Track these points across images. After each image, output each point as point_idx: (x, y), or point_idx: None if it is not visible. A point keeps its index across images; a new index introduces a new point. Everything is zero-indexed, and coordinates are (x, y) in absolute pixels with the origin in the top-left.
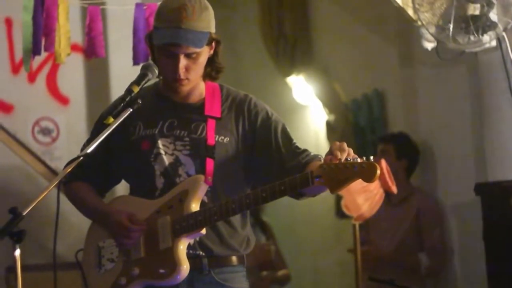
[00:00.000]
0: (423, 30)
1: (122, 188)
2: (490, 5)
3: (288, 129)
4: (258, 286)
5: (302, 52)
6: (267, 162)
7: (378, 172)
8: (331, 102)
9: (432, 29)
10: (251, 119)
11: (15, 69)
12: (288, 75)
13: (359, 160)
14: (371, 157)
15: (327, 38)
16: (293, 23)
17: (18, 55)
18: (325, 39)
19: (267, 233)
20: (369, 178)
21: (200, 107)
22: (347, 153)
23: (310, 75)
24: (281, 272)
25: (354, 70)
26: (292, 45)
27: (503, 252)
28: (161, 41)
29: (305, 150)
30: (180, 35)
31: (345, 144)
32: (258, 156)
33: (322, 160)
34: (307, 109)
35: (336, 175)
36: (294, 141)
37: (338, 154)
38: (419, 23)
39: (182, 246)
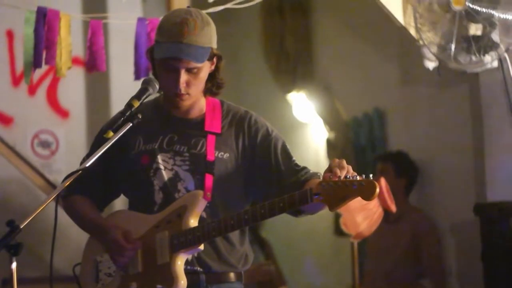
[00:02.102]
0: (425, 50)
1: (121, 202)
2: (492, 25)
3: (288, 146)
4: None
5: (303, 69)
6: (266, 179)
7: (377, 190)
8: (331, 119)
9: (434, 49)
10: (251, 135)
11: (16, 82)
12: (289, 92)
13: (358, 178)
14: (370, 175)
15: (329, 56)
16: (295, 40)
17: (19, 67)
18: (326, 56)
19: (265, 250)
20: (368, 196)
21: (200, 122)
22: (347, 171)
23: (311, 92)
24: None
25: (355, 88)
26: (293, 62)
27: (502, 274)
28: (162, 55)
29: (304, 168)
30: (181, 50)
31: (344, 161)
32: (258, 172)
33: (321, 178)
34: (308, 127)
35: (335, 193)
36: (294, 158)
37: (338, 171)
38: (421, 42)
39: (180, 262)
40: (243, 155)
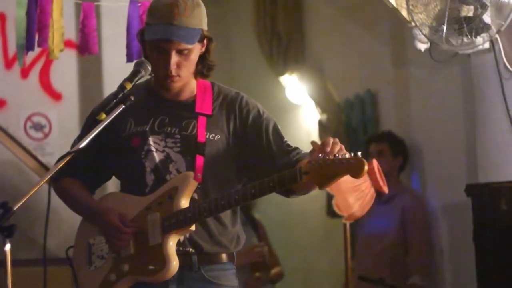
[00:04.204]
0: (417, 31)
1: (112, 184)
2: (483, 7)
3: (280, 128)
4: (251, 285)
5: (295, 52)
6: (257, 159)
7: (366, 167)
8: (323, 101)
9: (426, 30)
10: (242, 116)
11: (8, 65)
12: (281, 74)
13: (347, 156)
14: (359, 153)
15: (321, 38)
16: (287, 22)
17: (12, 50)
18: (318, 38)
19: (259, 232)
20: (357, 174)
21: (191, 104)
22: (340, 149)
23: (303, 74)
24: (274, 271)
25: (347, 70)
26: (285, 44)
27: (493, 254)
28: (152, 37)
29: (296, 148)
30: (172, 31)
31: (334, 140)
32: (249, 153)
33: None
34: (300, 109)
35: (324, 171)
36: (285, 139)
37: (327, 148)
38: (413, 24)
39: (172, 243)
40: (234, 136)
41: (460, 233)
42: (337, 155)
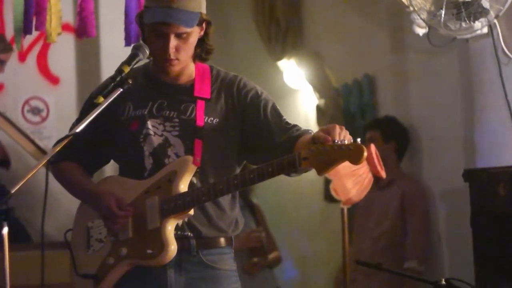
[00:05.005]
0: (415, 16)
1: (111, 168)
2: None
3: (279, 108)
4: (249, 270)
5: (293, 36)
6: (257, 138)
7: (365, 154)
8: (321, 86)
9: (424, 15)
10: (241, 98)
11: None
12: (279, 59)
13: (346, 142)
14: (358, 139)
15: (319, 23)
16: (285, 7)
17: (9, 33)
18: (316, 23)
19: (256, 216)
20: (356, 160)
21: (189, 88)
22: (344, 134)
23: (301, 59)
24: (272, 255)
25: (345, 55)
26: (284, 29)
27: (490, 239)
28: (151, 20)
29: (295, 125)
30: (171, 14)
31: (343, 127)
32: (249, 133)
33: (315, 136)
34: (298, 93)
35: (323, 157)
36: (284, 117)
37: (334, 136)
38: (411, 8)
39: (170, 227)
40: (233, 119)
41: (458, 218)
42: (336, 141)
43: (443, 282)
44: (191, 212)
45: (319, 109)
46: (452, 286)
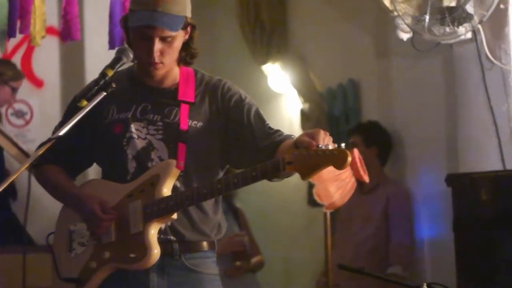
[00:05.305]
0: (399, 21)
1: (94, 171)
2: None
3: (262, 113)
4: (232, 274)
5: (278, 40)
6: (240, 142)
7: (349, 159)
8: (306, 90)
9: (408, 20)
10: (225, 102)
11: None
12: (264, 63)
13: (330, 147)
14: (342, 144)
15: (304, 27)
16: (270, 11)
17: None
18: (301, 27)
19: (239, 220)
20: (340, 165)
21: (173, 91)
22: (328, 142)
23: (286, 63)
24: (254, 259)
25: (329, 60)
26: (268, 33)
27: (472, 243)
28: (136, 24)
29: (277, 130)
30: (156, 18)
31: (327, 133)
32: (231, 137)
33: (299, 140)
34: (282, 97)
35: (307, 162)
36: (267, 122)
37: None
38: (395, 13)
39: (153, 231)
40: (217, 123)
41: (440, 223)
42: (320, 145)
43: (425, 286)
44: (174, 216)
45: (303, 113)
46: None
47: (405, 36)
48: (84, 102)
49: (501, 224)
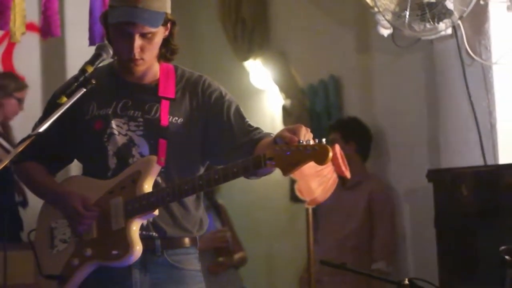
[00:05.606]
0: (380, 17)
1: (75, 167)
2: None
3: (244, 113)
4: (214, 270)
5: (259, 37)
6: (219, 139)
7: (331, 154)
8: (287, 87)
9: (389, 16)
10: (205, 98)
11: None
12: (246, 59)
13: (311, 142)
14: (323, 140)
15: (285, 23)
16: (251, 7)
17: None
18: (283, 24)
19: (222, 217)
20: (321, 161)
21: (154, 88)
22: (306, 137)
23: (267, 59)
24: (237, 256)
25: (311, 56)
26: (250, 29)
27: (453, 238)
28: (116, 20)
29: (257, 128)
30: (136, 14)
31: (308, 129)
32: (211, 134)
33: (280, 136)
34: (264, 94)
35: (288, 158)
36: (247, 119)
37: (299, 136)
38: (376, 9)
39: (135, 227)
40: (197, 119)
41: (422, 218)
42: (301, 141)
43: (406, 282)
44: (156, 212)
45: (285, 109)
46: (416, 286)
47: (385, 32)
48: (64, 99)
49: (482, 219)
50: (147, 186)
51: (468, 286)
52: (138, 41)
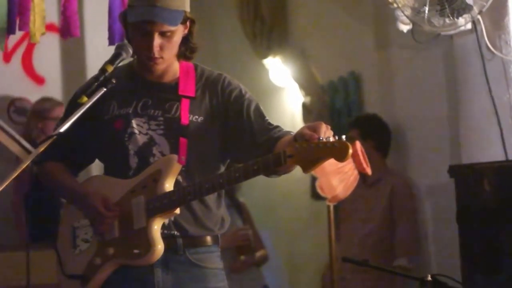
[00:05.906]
0: (399, 13)
1: (96, 167)
2: None
3: (264, 111)
4: (236, 269)
5: (278, 34)
6: (239, 137)
7: (350, 151)
8: (307, 84)
9: (408, 11)
10: (225, 96)
11: None
12: (265, 57)
13: (331, 139)
14: (343, 137)
15: (304, 20)
16: (270, 4)
17: None
18: (302, 21)
19: (243, 215)
20: (341, 157)
21: (174, 86)
22: (327, 134)
23: (287, 57)
24: (259, 254)
25: (330, 53)
26: (269, 27)
27: (476, 234)
28: (135, 19)
29: (277, 126)
30: (155, 13)
31: (328, 126)
32: (231, 132)
33: (301, 134)
34: (284, 91)
35: (308, 155)
36: (267, 118)
37: (320, 133)
38: (395, 5)
39: (157, 226)
40: (217, 117)
41: (444, 214)
42: (321, 138)
43: (429, 278)
44: (177, 211)
45: (305, 106)
46: (438, 282)
47: (405, 27)
48: (85, 98)
49: (504, 214)
50: (168, 185)
51: (491, 282)
52: (157, 40)
